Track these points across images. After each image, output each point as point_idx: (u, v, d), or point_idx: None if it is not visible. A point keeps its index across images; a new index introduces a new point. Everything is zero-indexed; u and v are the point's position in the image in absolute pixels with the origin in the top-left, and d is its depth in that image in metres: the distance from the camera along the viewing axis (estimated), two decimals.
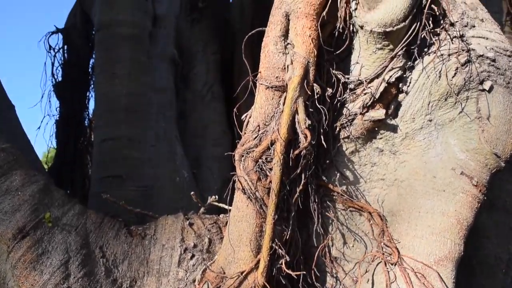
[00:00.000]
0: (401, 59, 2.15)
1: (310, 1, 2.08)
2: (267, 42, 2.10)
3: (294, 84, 1.97)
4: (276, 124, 1.99)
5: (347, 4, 2.16)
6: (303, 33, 2.05)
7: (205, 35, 4.27)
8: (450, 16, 2.30)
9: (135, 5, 3.63)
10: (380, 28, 2.04)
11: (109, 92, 3.45)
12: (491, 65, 2.20)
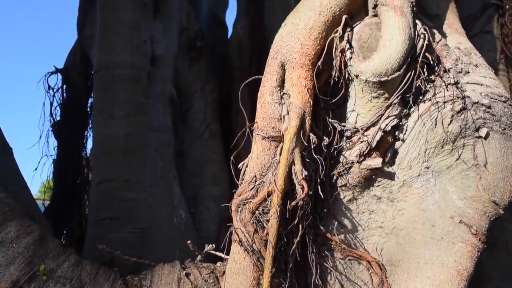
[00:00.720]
0: (396, 107, 2.16)
1: (305, 52, 2.11)
2: (263, 92, 2.11)
3: (290, 135, 1.97)
4: (272, 175, 1.98)
5: (342, 53, 2.19)
6: (298, 83, 2.06)
7: (203, 74, 4.30)
8: (444, 63, 2.33)
9: (133, 46, 3.67)
10: (375, 77, 2.06)
11: (107, 133, 3.46)
12: (487, 111, 2.21)
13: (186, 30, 4.25)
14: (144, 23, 3.81)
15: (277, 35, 2.25)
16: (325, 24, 2.16)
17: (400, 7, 2.15)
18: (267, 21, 4.82)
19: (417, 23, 2.22)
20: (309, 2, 2.25)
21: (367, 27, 2.24)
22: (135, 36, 3.70)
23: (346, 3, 2.22)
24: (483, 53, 4.00)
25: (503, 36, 4.06)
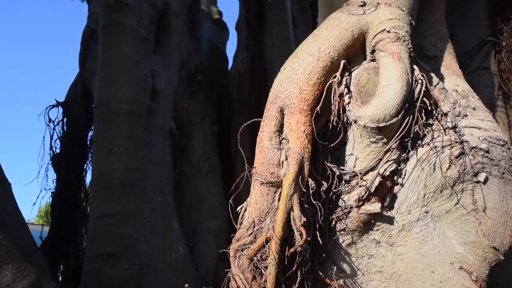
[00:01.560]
0: (395, 152, 2.16)
1: (304, 97, 2.13)
2: (262, 137, 2.11)
3: (289, 181, 1.97)
4: (271, 221, 1.97)
5: (340, 97, 2.21)
6: (297, 128, 2.07)
7: (202, 107, 4.33)
8: (442, 107, 2.35)
9: (134, 81, 3.71)
10: (373, 123, 2.07)
11: (106, 168, 3.46)
12: (485, 156, 2.22)
13: (186, 64, 4.30)
14: (145, 57, 3.86)
15: (276, 80, 2.27)
16: (324, 70, 2.18)
17: (398, 53, 2.18)
18: (267, 54, 4.88)
19: (414, 68, 2.24)
20: (307, 47, 2.28)
21: (365, 71, 2.26)
22: (135, 70, 3.74)
23: (344, 48, 2.25)
24: (481, 90, 4.07)
25: (500, 72, 4.09)
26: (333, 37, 2.26)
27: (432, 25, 3.01)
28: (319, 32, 2.32)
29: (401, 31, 2.24)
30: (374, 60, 2.28)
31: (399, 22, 2.26)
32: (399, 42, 2.21)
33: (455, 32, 4.18)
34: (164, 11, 4.14)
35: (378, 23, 2.27)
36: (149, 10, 3.99)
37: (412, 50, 2.25)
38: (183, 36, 4.33)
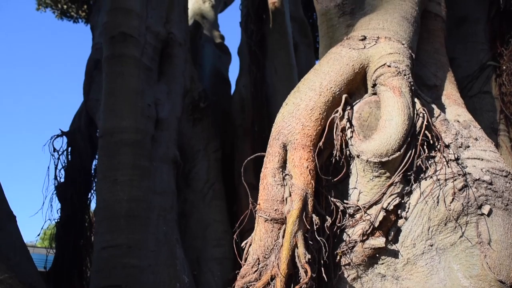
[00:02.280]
0: (398, 185, 2.17)
1: (306, 133, 2.15)
2: (265, 173, 2.13)
3: (293, 218, 1.97)
4: (276, 258, 1.97)
5: (342, 132, 2.22)
6: (300, 164, 2.09)
7: (206, 134, 4.36)
8: (444, 138, 2.36)
9: (138, 111, 3.74)
10: (376, 158, 2.09)
11: (110, 198, 3.47)
12: (488, 188, 2.22)
13: (189, 92, 4.34)
14: (148, 87, 3.90)
15: (278, 115, 2.29)
16: (326, 105, 2.21)
17: (399, 87, 2.20)
18: (269, 80, 4.92)
19: (415, 101, 2.27)
20: (309, 81, 2.30)
21: (366, 105, 2.28)
22: (139, 100, 3.78)
23: (346, 83, 2.28)
24: (483, 114, 4.08)
25: (501, 96, 4.10)
26: (334, 71, 2.29)
27: (432, 54, 3.04)
28: (321, 67, 2.35)
29: (401, 65, 2.27)
30: (376, 93, 2.31)
31: (399, 56, 2.29)
32: (399, 76, 2.23)
33: (456, 56, 4.22)
34: (167, 41, 4.20)
35: (378, 58, 2.30)
36: (152, 40, 4.05)
37: (412, 84, 2.28)
38: (186, 64, 4.38)
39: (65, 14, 12.82)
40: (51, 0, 12.48)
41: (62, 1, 12.49)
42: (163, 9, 4.25)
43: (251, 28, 5.06)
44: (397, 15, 2.58)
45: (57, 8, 12.64)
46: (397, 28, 2.50)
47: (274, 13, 5.06)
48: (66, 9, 12.71)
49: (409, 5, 2.71)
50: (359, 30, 2.51)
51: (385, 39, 2.39)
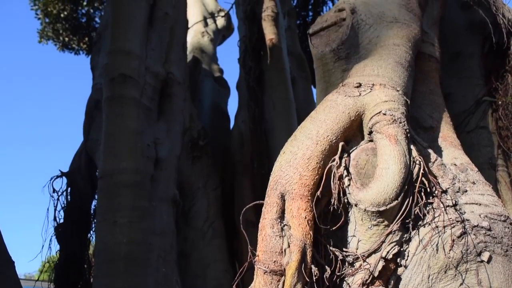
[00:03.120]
0: (397, 233, 2.17)
1: (304, 183, 2.16)
2: (264, 224, 2.13)
3: (292, 270, 1.97)
4: None
5: (340, 180, 2.24)
6: (298, 215, 2.09)
7: (205, 171, 4.37)
8: (441, 183, 2.37)
9: (138, 152, 3.76)
10: (373, 207, 2.09)
11: (110, 241, 3.46)
12: (487, 234, 2.22)
13: (189, 130, 4.37)
14: (148, 126, 3.94)
15: (276, 163, 2.30)
16: (323, 153, 2.22)
17: (394, 135, 2.22)
18: (268, 116, 4.97)
19: (412, 148, 2.28)
20: (306, 130, 2.33)
21: (363, 153, 2.30)
22: (139, 141, 3.80)
23: (342, 131, 2.30)
24: (481, 149, 4.09)
25: (499, 131, 4.12)
26: (330, 119, 2.31)
27: (428, 95, 3.08)
28: (317, 114, 2.38)
29: (396, 112, 2.29)
30: (372, 140, 2.33)
31: (394, 104, 2.32)
32: (395, 124, 2.26)
33: (451, 91, 4.26)
34: (166, 80, 4.26)
35: (374, 105, 2.33)
36: (151, 81, 4.11)
37: (408, 131, 2.30)
38: (185, 102, 4.43)
39: (67, 46, 13.01)
40: (53, 33, 12.69)
41: (63, 34, 12.69)
42: (162, 49, 4.32)
43: (249, 64, 5.14)
44: (392, 61, 2.63)
45: (59, 41, 12.83)
46: (392, 74, 2.54)
47: (272, 49, 5.14)
48: (68, 42, 12.91)
49: (403, 49, 2.76)
50: (354, 76, 2.55)
51: (380, 86, 2.42)
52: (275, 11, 5.40)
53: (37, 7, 12.51)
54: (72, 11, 12.62)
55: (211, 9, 9.14)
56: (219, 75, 7.08)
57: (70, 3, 12.51)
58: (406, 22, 3.00)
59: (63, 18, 12.53)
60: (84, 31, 12.86)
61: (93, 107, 4.21)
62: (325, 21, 3.13)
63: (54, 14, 12.35)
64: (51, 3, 12.25)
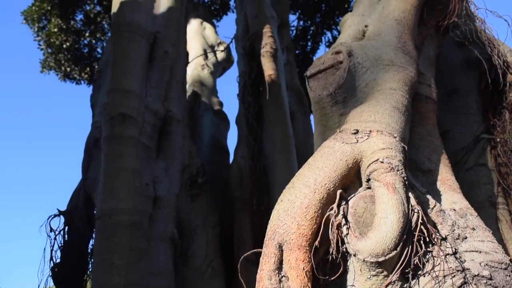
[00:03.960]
0: (396, 283, 2.14)
1: (302, 233, 2.14)
2: (261, 276, 2.10)
3: None
4: None
5: (338, 229, 2.22)
6: (296, 266, 2.07)
7: (204, 209, 4.35)
8: (440, 230, 2.36)
9: (136, 191, 3.75)
10: (372, 258, 2.07)
11: (107, 283, 3.41)
12: (488, 284, 2.19)
13: (188, 168, 4.36)
14: (147, 165, 3.93)
15: (273, 212, 2.29)
16: (320, 202, 2.21)
17: (392, 183, 2.22)
18: (267, 151, 4.97)
19: (410, 196, 2.27)
20: (304, 177, 2.32)
21: (361, 200, 2.29)
22: (137, 180, 3.79)
23: (340, 178, 2.29)
24: (480, 187, 4.07)
25: (498, 168, 4.10)
26: (328, 167, 2.31)
27: (425, 137, 3.09)
28: (315, 161, 2.38)
29: (394, 160, 2.29)
30: (370, 187, 2.32)
31: (392, 151, 2.32)
32: (392, 172, 2.25)
33: (449, 128, 4.27)
34: (166, 118, 4.28)
35: (371, 153, 2.33)
36: (151, 119, 4.13)
37: (406, 179, 2.29)
38: (185, 139, 4.44)
39: (68, 76, 13.15)
40: (55, 63, 12.84)
41: (65, 64, 12.84)
42: (162, 88, 4.36)
43: (248, 100, 5.18)
44: (388, 106, 2.64)
45: (61, 71, 12.98)
46: (389, 119, 2.55)
47: (271, 85, 5.19)
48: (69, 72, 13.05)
49: (399, 94, 2.78)
50: (351, 122, 2.56)
51: (377, 133, 2.43)
52: (274, 47, 5.48)
53: (40, 37, 12.69)
54: (74, 42, 12.81)
55: (211, 42, 9.27)
56: (218, 108, 7.13)
57: (72, 34, 12.71)
58: (403, 65, 3.03)
59: (65, 48, 12.71)
60: (86, 61, 13.03)
61: (93, 145, 4.22)
62: (322, 63, 3.16)
63: (57, 45, 12.54)
64: (54, 34, 12.45)
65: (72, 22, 12.52)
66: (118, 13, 4.45)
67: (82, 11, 12.63)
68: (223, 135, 6.35)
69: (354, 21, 3.68)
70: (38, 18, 12.33)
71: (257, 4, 6.02)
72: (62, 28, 12.26)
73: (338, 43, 3.42)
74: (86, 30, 12.91)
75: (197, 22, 9.65)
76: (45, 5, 11.92)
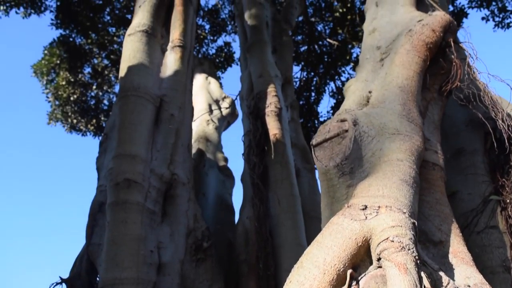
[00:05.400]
0: None
1: None
2: None
3: None
4: None
5: None
6: None
7: (209, 274, 4.25)
8: None
9: (140, 259, 3.67)
10: None
11: None
12: None
13: (193, 231, 4.30)
14: (151, 231, 3.88)
15: None
16: (330, 284, 2.15)
17: (404, 264, 2.16)
18: (273, 212, 4.91)
19: (422, 276, 2.21)
20: (312, 256, 2.27)
21: (372, 280, 2.22)
22: (142, 247, 3.73)
23: (350, 257, 2.24)
24: (493, 251, 3.97)
25: (509, 230, 4.01)
26: (337, 246, 2.26)
27: (434, 206, 3.04)
28: (323, 239, 2.33)
29: (404, 239, 2.24)
30: (381, 266, 2.26)
31: (402, 229, 2.28)
32: (403, 251, 2.20)
33: (457, 189, 4.22)
34: (171, 182, 4.26)
35: (381, 230, 2.28)
36: (156, 183, 4.12)
37: (417, 258, 2.23)
38: (189, 202, 4.41)
39: (74, 128, 13.30)
40: (62, 115, 13.03)
41: (72, 116, 13.02)
42: (167, 151, 4.37)
43: (253, 160, 5.17)
44: (396, 179, 2.62)
45: (67, 122, 13.14)
46: (397, 194, 2.51)
47: (276, 144, 5.20)
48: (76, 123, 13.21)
49: (407, 165, 2.76)
50: (359, 197, 2.53)
51: (386, 209, 2.39)
52: (279, 106, 5.53)
53: (48, 90, 12.95)
54: (81, 94, 13.05)
55: (216, 96, 9.40)
56: (224, 164, 7.13)
57: (80, 87, 12.97)
58: (408, 133, 3.03)
59: (72, 101, 12.94)
60: (92, 113, 13.23)
61: (97, 209, 4.19)
62: (328, 131, 3.17)
63: (64, 97, 12.78)
64: (62, 86, 12.72)
65: (80, 75, 12.82)
66: (125, 77, 4.53)
67: (90, 64, 12.97)
68: (228, 193, 6.31)
69: (358, 87, 3.73)
70: (47, 72, 12.64)
71: (261, 64, 6.14)
72: (70, 81, 12.54)
73: (343, 110, 3.44)
74: (93, 83, 13.20)
75: (202, 77, 9.84)
76: (55, 59, 12.25)
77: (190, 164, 4.64)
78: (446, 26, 3.85)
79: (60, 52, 12.18)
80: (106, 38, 12.86)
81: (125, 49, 4.80)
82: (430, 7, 4.63)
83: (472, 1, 11.26)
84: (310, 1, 13.03)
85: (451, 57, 3.77)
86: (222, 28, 13.53)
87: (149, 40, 4.82)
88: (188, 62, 5.11)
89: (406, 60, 3.56)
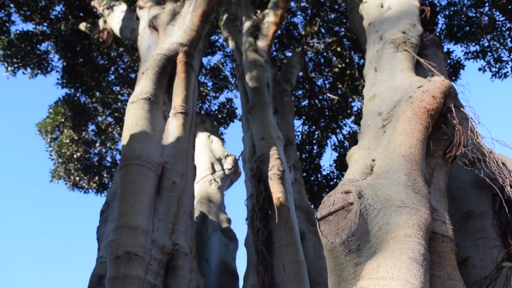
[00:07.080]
0: None
1: None
2: None
3: None
4: None
5: None
6: None
7: None
8: None
9: None
10: None
11: None
12: None
13: None
14: None
15: None
16: None
17: None
18: (278, 280, 4.75)
19: None
20: None
21: None
22: None
23: None
24: None
25: None
26: None
27: (446, 281, 2.92)
28: None
29: None
30: None
31: None
32: None
33: (469, 255, 4.09)
34: (173, 253, 4.16)
35: None
36: (157, 255, 4.01)
37: None
38: (192, 273, 4.28)
39: (77, 186, 13.25)
40: (65, 173, 13.02)
41: (75, 174, 13.00)
42: (169, 220, 4.30)
43: (257, 225, 5.07)
44: (405, 257, 2.53)
45: (70, 180, 13.11)
46: (407, 274, 2.42)
47: (279, 208, 5.12)
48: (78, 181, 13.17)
49: (415, 241, 2.67)
50: (368, 279, 2.43)
51: None
52: (281, 169, 5.49)
53: (52, 148, 13.02)
54: (84, 152, 13.10)
55: (219, 155, 9.40)
56: (227, 226, 7.01)
57: (83, 145, 13.05)
58: (415, 206, 2.96)
59: (75, 158, 12.97)
60: (95, 170, 13.21)
61: (96, 283, 4.06)
62: (332, 204, 3.10)
63: (68, 155, 12.82)
64: (66, 144, 12.79)
65: (83, 133, 12.94)
66: (127, 145, 4.53)
67: (93, 122, 13.12)
68: (232, 257, 6.15)
69: (360, 155, 3.69)
70: (52, 130, 12.76)
71: (263, 125, 6.16)
72: (73, 139, 12.63)
73: (347, 180, 3.39)
74: (97, 140, 13.29)
75: (204, 135, 9.88)
76: (59, 117, 12.40)
77: (192, 232, 4.54)
78: (446, 92, 3.87)
79: (64, 110, 12.36)
80: (110, 96, 13.07)
81: (127, 117, 4.83)
82: (429, 71, 4.67)
83: (468, 53, 11.48)
84: (309, 57, 13.31)
85: (453, 122, 3.75)
86: (224, 85, 13.77)
87: (152, 107, 4.86)
88: (190, 128, 5.13)
89: (408, 128, 3.54)
